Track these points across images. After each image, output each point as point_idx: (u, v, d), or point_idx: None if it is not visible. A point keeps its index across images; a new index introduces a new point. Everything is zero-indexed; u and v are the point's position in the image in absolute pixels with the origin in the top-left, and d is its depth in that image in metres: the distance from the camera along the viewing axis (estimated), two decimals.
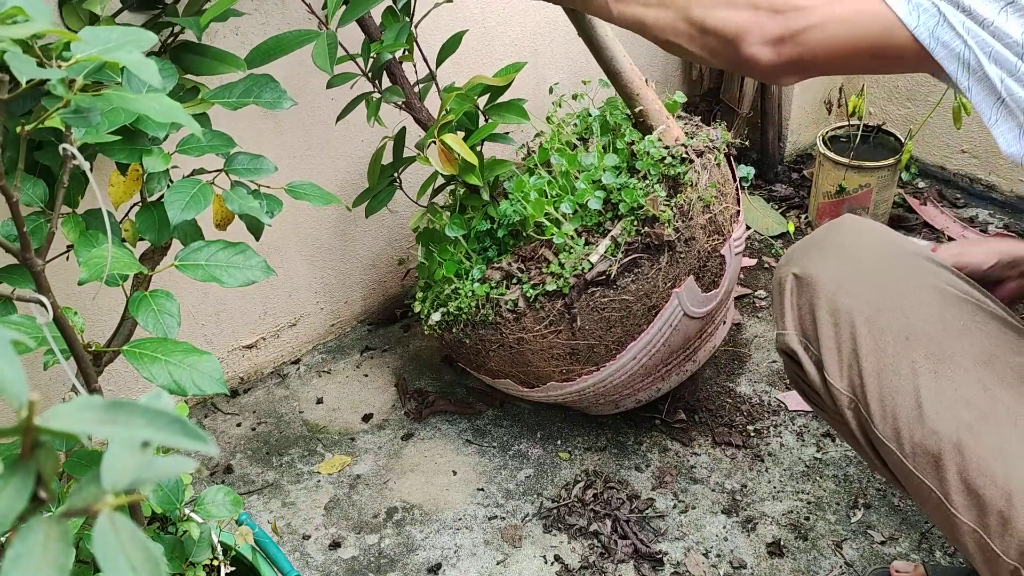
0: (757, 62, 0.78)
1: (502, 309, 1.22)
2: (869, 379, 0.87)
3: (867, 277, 0.91)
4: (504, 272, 1.24)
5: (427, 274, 1.36)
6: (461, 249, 1.31)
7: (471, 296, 1.24)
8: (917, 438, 0.83)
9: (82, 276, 0.73)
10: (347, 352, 1.68)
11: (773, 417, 1.47)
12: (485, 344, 1.27)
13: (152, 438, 0.31)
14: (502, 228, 1.30)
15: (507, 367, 1.30)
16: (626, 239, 1.18)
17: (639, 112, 1.26)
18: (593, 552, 1.26)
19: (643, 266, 1.19)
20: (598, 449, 1.43)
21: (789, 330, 0.95)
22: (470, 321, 1.26)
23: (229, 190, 0.87)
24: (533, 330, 1.22)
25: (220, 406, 1.56)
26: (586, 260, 1.17)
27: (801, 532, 1.27)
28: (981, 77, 0.70)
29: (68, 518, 0.31)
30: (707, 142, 1.28)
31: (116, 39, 0.53)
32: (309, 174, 1.51)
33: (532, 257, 1.25)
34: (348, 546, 1.29)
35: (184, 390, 0.71)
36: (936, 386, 0.83)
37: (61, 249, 0.91)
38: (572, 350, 1.23)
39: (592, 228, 1.23)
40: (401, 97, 1.24)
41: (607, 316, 1.20)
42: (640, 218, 1.19)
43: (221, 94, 0.92)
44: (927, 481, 0.83)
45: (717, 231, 1.27)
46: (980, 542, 0.80)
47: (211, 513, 0.89)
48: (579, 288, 1.18)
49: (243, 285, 0.80)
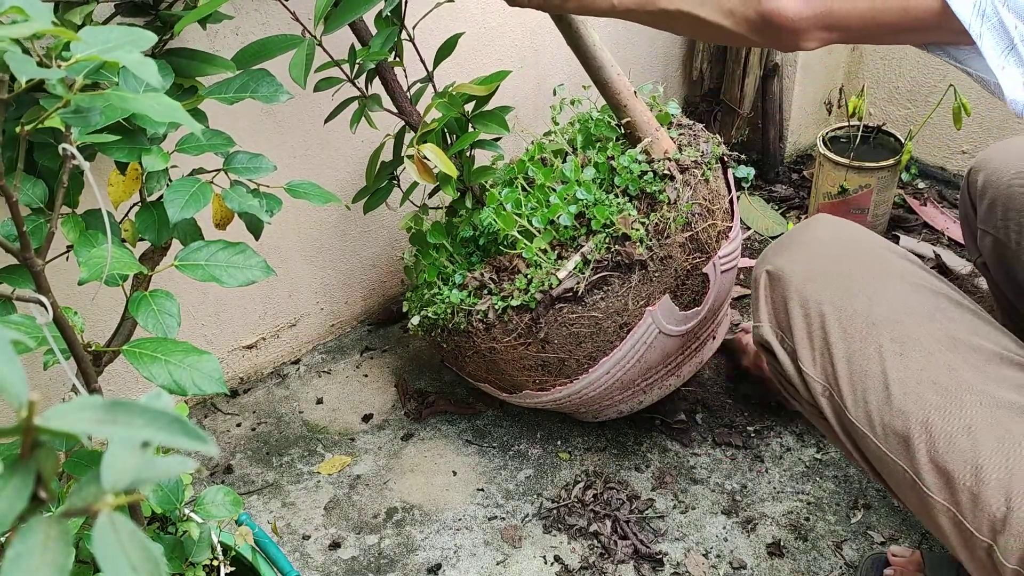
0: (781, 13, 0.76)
1: (473, 319, 1.22)
2: (840, 365, 0.89)
3: (835, 269, 0.94)
4: (479, 282, 1.25)
5: (413, 276, 1.38)
6: (444, 254, 1.32)
7: (446, 303, 1.25)
8: (887, 419, 0.85)
9: (82, 276, 0.73)
10: (347, 352, 1.68)
11: (773, 418, 1.47)
12: (461, 350, 1.29)
13: (152, 438, 0.31)
14: (483, 236, 1.31)
15: (483, 373, 1.32)
16: (596, 256, 1.17)
17: (627, 124, 1.25)
18: (593, 552, 1.25)
19: (613, 284, 1.17)
20: (598, 449, 1.43)
21: (764, 323, 0.98)
22: (445, 327, 1.27)
23: (228, 189, 0.87)
24: (503, 341, 1.22)
25: (220, 406, 1.56)
26: (554, 276, 1.17)
27: (801, 533, 1.27)
28: (995, 24, 0.71)
29: (68, 518, 0.31)
30: (696, 156, 1.25)
31: (116, 39, 0.53)
32: (309, 173, 1.51)
33: (507, 268, 1.25)
34: (348, 546, 1.29)
35: (184, 390, 0.71)
36: (903, 368, 0.86)
37: (61, 249, 0.91)
38: (543, 362, 1.24)
39: (566, 243, 1.22)
40: (380, 107, 1.23)
41: (576, 332, 1.20)
42: (612, 235, 1.18)
43: (218, 90, 0.92)
44: (900, 462, 0.85)
45: (699, 249, 1.24)
46: (954, 520, 0.82)
47: (211, 513, 0.89)
48: (546, 304, 1.17)
49: (243, 285, 0.79)
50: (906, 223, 1.89)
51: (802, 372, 0.94)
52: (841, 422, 0.91)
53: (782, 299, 0.96)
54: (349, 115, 1.28)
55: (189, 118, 0.52)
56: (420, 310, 1.32)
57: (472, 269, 1.29)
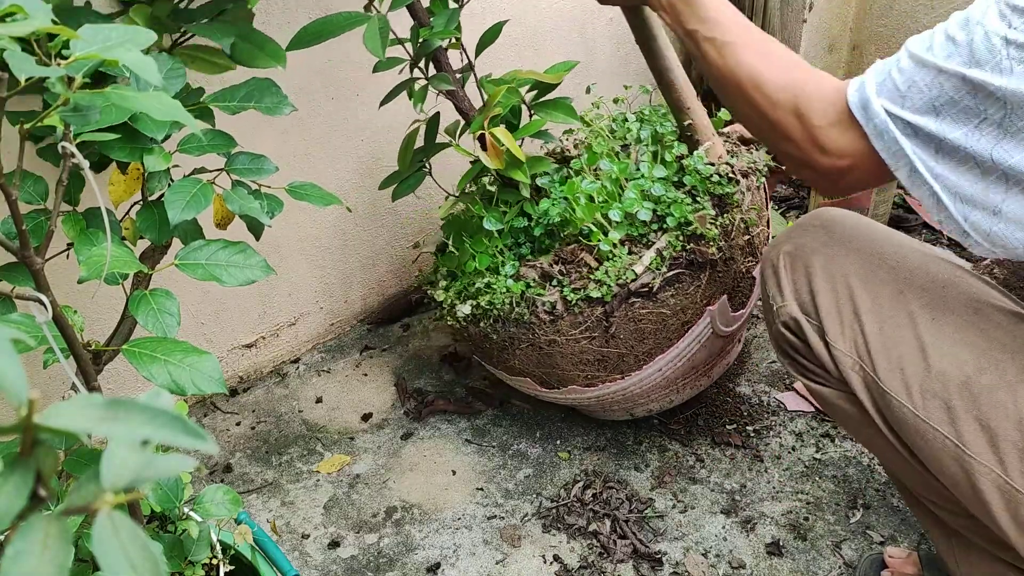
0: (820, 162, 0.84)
1: (538, 310, 1.21)
2: (872, 335, 0.90)
3: (854, 244, 0.96)
4: (542, 272, 1.24)
5: (456, 264, 1.33)
6: (496, 243, 1.29)
7: (506, 292, 1.22)
8: (925, 384, 0.86)
9: (82, 274, 0.73)
10: (346, 351, 1.68)
11: (772, 417, 1.47)
12: (514, 342, 1.26)
13: (152, 436, 0.31)
14: (539, 226, 1.28)
15: (531, 367, 1.29)
16: (671, 253, 1.20)
17: (688, 126, 1.27)
18: (592, 552, 1.26)
19: (684, 281, 1.20)
20: (597, 449, 1.43)
21: (789, 301, 0.98)
22: (501, 317, 1.24)
23: (230, 190, 0.87)
24: (568, 334, 1.21)
25: (219, 405, 1.56)
26: (630, 270, 1.18)
27: (800, 532, 1.27)
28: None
29: (67, 516, 0.31)
30: (750, 163, 1.30)
31: (116, 37, 0.53)
32: (309, 173, 1.51)
33: (571, 260, 1.24)
34: (347, 545, 1.29)
35: (183, 390, 0.71)
36: (936, 332, 0.87)
37: (61, 247, 0.91)
38: (602, 357, 1.23)
39: (636, 238, 1.23)
40: (449, 84, 1.21)
41: (642, 327, 1.21)
42: (686, 234, 1.21)
43: (222, 97, 0.92)
44: (941, 429, 0.85)
45: (752, 253, 1.29)
46: (1001, 486, 0.81)
47: (210, 512, 0.89)
48: (621, 297, 1.18)
49: (243, 284, 0.79)
50: (906, 223, 1.89)
51: (830, 347, 0.94)
52: (873, 396, 0.91)
53: (805, 277, 0.97)
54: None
55: (190, 118, 0.52)
56: (465, 300, 1.28)
57: (524, 259, 1.27)
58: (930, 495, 0.97)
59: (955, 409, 0.84)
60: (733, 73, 0.90)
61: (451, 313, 1.30)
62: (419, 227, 1.76)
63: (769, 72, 0.87)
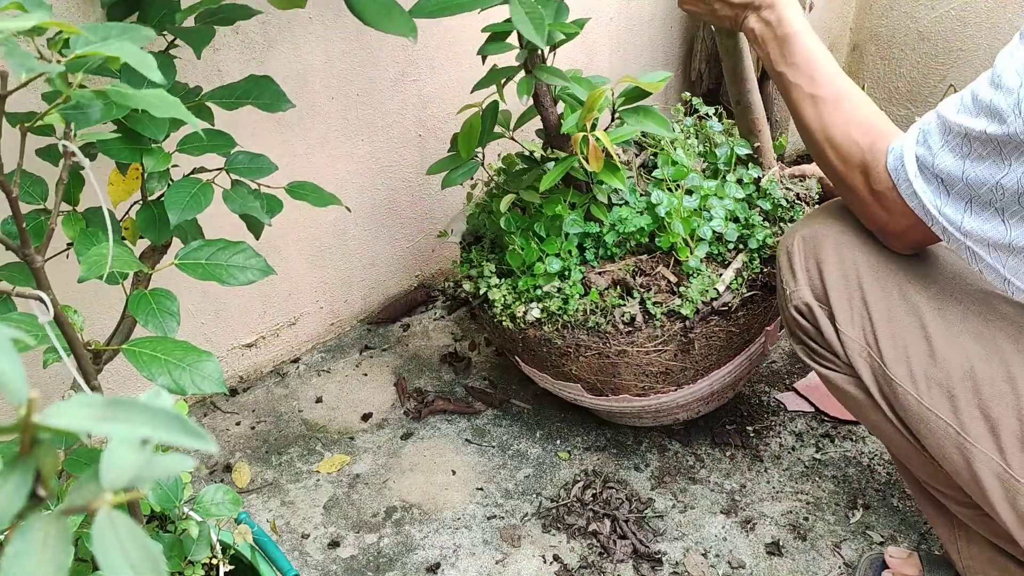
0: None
1: (616, 320, 1.19)
2: (880, 324, 0.92)
3: (863, 233, 0.98)
4: (616, 281, 1.22)
5: (520, 263, 1.26)
6: (567, 246, 1.25)
7: (580, 299, 1.20)
8: (930, 372, 0.87)
9: (82, 274, 0.73)
10: (346, 351, 1.68)
11: (772, 417, 1.47)
12: (580, 349, 1.22)
13: (152, 436, 0.31)
14: (613, 233, 1.25)
15: (589, 374, 1.26)
16: (748, 274, 1.21)
17: (756, 148, 1.28)
18: (592, 552, 1.25)
19: (756, 302, 1.22)
20: (597, 449, 1.43)
21: (802, 286, 1.00)
22: (570, 323, 1.21)
23: (229, 190, 0.87)
24: (642, 346, 1.20)
25: (219, 405, 1.56)
26: (714, 289, 1.19)
27: (800, 532, 1.27)
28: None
29: (67, 516, 0.31)
30: (805, 189, 1.33)
31: (116, 34, 0.53)
32: (309, 173, 1.51)
33: (650, 272, 1.24)
34: (347, 545, 1.29)
35: (183, 390, 0.70)
36: (942, 320, 0.88)
37: (61, 247, 0.91)
38: (666, 369, 1.23)
39: (714, 256, 1.25)
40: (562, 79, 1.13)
41: (712, 344, 1.22)
42: (762, 256, 1.23)
43: (219, 94, 0.92)
44: (943, 416, 0.86)
45: None
46: (1001, 474, 0.83)
47: (210, 512, 0.88)
48: (703, 314, 1.19)
49: (243, 284, 0.79)
50: None
51: (840, 333, 0.95)
52: (879, 383, 0.92)
53: (816, 262, 0.98)
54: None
55: (190, 115, 0.52)
56: (528, 301, 1.24)
57: (588, 264, 1.26)
58: (936, 483, 0.97)
59: (958, 398, 0.85)
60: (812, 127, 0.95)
61: (506, 313, 1.26)
62: (419, 227, 1.76)
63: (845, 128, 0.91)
